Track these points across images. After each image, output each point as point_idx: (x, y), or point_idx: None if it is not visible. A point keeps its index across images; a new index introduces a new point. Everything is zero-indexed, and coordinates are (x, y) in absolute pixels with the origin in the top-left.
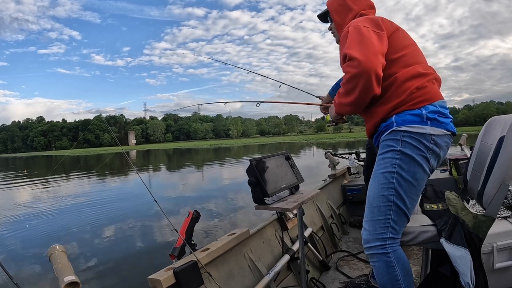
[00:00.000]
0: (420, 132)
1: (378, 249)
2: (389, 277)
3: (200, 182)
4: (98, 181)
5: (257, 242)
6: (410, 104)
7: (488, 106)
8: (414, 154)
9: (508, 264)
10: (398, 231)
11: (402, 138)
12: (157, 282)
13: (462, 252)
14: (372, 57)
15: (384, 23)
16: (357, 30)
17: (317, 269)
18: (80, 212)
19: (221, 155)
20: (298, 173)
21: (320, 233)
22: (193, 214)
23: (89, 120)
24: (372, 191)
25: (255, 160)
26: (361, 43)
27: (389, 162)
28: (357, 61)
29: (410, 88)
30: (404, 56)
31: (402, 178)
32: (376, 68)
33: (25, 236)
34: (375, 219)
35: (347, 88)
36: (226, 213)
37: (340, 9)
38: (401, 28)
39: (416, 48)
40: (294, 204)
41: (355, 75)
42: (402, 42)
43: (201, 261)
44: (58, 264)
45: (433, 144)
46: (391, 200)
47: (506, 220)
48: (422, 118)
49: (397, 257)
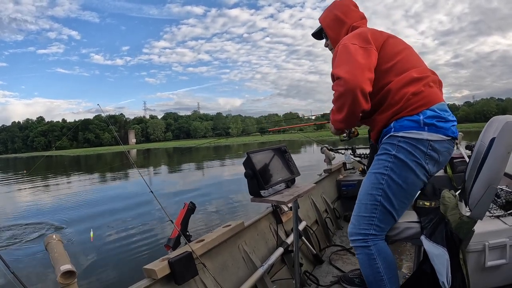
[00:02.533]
0: (417, 137)
1: (360, 242)
2: (371, 269)
3: (199, 177)
4: (98, 178)
5: (251, 234)
6: (408, 111)
7: (488, 102)
8: (408, 160)
9: (499, 262)
10: (382, 229)
11: (398, 143)
12: (152, 272)
13: (440, 251)
14: (357, 74)
15: (374, 35)
16: (345, 48)
17: (311, 262)
18: (78, 205)
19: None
20: (295, 167)
21: (314, 227)
22: (189, 205)
23: (89, 120)
24: (362, 189)
25: (252, 153)
26: (347, 62)
27: (382, 164)
28: (343, 80)
29: (406, 94)
30: (397, 64)
31: (393, 180)
32: (361, 85)
33: (22, 226)
34: (361, 215)
35: (337, 106)
36: (221, 206)
37: (333, 24)
38: (392, 36)
39: (410, 53)
40: (290, 197)
41: (342, 93)
42: (394, 50)
43: (196, 252)
44: (54, 253)
45: (430, 150)
46: (378, 200)
47: (499, 219)
48: (419, 124)
49: (378, 250)
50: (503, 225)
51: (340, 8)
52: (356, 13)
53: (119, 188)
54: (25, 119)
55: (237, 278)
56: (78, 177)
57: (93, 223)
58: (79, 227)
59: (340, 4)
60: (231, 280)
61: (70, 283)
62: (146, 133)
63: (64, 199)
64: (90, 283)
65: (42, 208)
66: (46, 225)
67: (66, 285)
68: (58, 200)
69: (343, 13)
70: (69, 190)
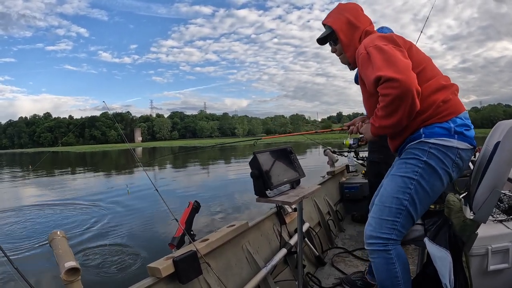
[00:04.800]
0: (448, 145)
1: (380, 246)
2: (388, 273)
3: (204, 177)
4: (104, 176)
5: (255, 234)
6: (438, 118)
7: (495, 108)
8: (438, 167)
9: (501, 266)
10: (402, 234)
11: (430, 150)
12: (156, 270)
13: (443, 253)
14: (409, 74)
15: (399, 39)
16: (379, 49)
17: (313, 264)
18: (83, 201)
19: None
20: (300, 168)
21: (317, 228)
22: (194, 204)
23: (95, 117)
24: (387, 191)
25: (259, 153)
26: (390, 62)
27: (411, 168)
28: (397, 82)
29: (436, 101)
30: (424, 70)
31: (421, 186)
32: (416, 83)
33: (27, 222)
34: (383, 218)
35: (389, 110)
36: (225, 205)
37: (346, 28)
38: (413, 44)
39: (431, 62)
40: (295, 198)
41: (398, 96)
42: (418, 57)
43: (200, 251)
44: (58, 250)
45: (458, 158)
46: (404, 205)
47: (502, 223)
48: (450, 131)
49: (398, 254)
50: (505, 230)
51: (350, 12)
52: (366, 18)
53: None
54: (32, 115)
55: (240, 278)
56: (83, 174)
57: (96, 219)
58: (84, 223)
59: (350, 8)
60: (234, 280)
61: (74, 280)
62: (152, 132)
63: (69, 195)
64: (94, 280)
65: (47, 204)
66: (50, 220)
67: (70, 282)
68: (63, 196)
69: (355, 17)
70: (74, 187)
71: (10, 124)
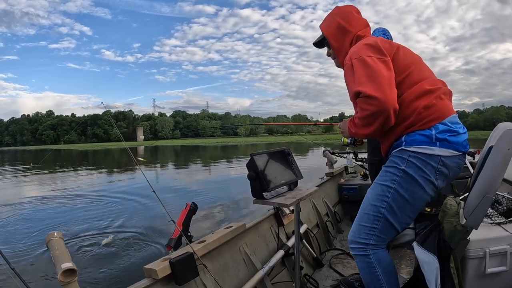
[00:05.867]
0: (428, 153)
1: (359, 250)
2: (370, 276)
3: (203, 177)
4: (103, 175)
5: (253, 236)
6: (420, 125)
7: (498, 110)
8: (417, 176)
9: (499, 269)
10: (383, 240)
11: (409, 158)
12: (152, 272)
13: (431, 258)
14: (389, 93)
15: (384, 45)
16: (362, 62)
17: (311, 265)
18: (81, 202)
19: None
20: (297, 170)
21: (315, 230)
22: (191, 205)
23: (98, 115)
24: (367, 198)
25: (256, 154)
26: (372, 78)
27: (389, 176)
28: (376, 100)
29: (418, 108)
30: (409, 75)
31: (399, 195)
32: (395, 104)
33: (24, 223)
34: (362, 224)
35: (365, 122)
36: (223, 206)
37: (336, 33)
38: (401, 46)
39: (420, 64)
40: (292, 200)
41: (375, 113)
42: (405, 61)
43: (197, 253)
44: (55, 251)
45: (441, 166)
46: (382, 212)
47: (500, 226)
48: (431, 139)
49: (378, 259)
50: (504, 232)
51: (342, 16)
52: (360, 21)
53: (123, 185)
54: (34, 113)
55: (237, 279)
56: (83, 173)
57: (94, 220)
58: (81, 224)
59: (343, 11)
60: (231, 281)
61: (70, 281)
62: (154, 130)
63: (68, 195)
64: (91, 281)
65: (45, 204)
66: (47, 221)
67: (67, 283)
68: (62, 195)
69: (347, 21)
70: (73, 186)
71: (12, 122)
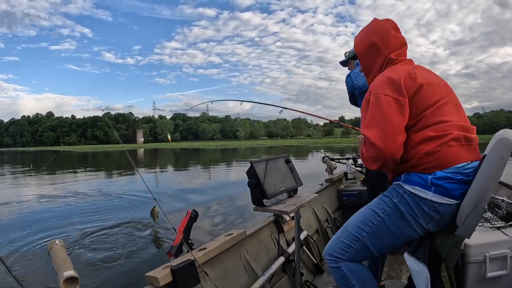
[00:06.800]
0: (422, 196)
1: (331, 262)
2: (345, 285)
3: (203, 182)
4: (103, 178)
5: (253, 243)
6: (419, 169)
7: (497, 114)
8: (407, 213)
9: (500, 273)
10: (356, 259)
11: (403, 194)
12: (154, 279)
13: (421, 267)
14: (390, 144)
15: (407, 83)
16: (377, 102)
17: (311, 272)
18: (82, 208)
19: (228, 157)
20: (297, 177)
21: (315, 236)
22: (192, 213)
23: (98, 117)
24: (355, 217)
25: (256, 162)
26: (379, 124)
27: (381, 205)
28: (376, 148)
29: (419, 153)
30: (422, 119)
31: (385, 225)
32: (394, 154)
33: (25, 230)
34: (341, 240)
35: (367, 160)
36: (224, 212)
37: (367, 52)
38: (427, 84)
39: (445, 106)
40: (292, 207)
41: (375, 158)
42: (424, 103)
43: (198, 260)
44: (57, 259)
45: (433, 211)
46: (363, 236)
47: (500, 230)
48: (426, 182)
49: (350, 270)
50: (504, 236)
51: (378, 34)
52: (396, 40)
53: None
54: (34, 114)
55: (238, 286)
56: (83, 177)
57: (93, 226)
58: (80, 230)
59: (379, 29)
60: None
61: None
62: (154, 133)
63: (68, 200)
64: None
65: (46, 210)
66: (49, 228)
67: None
68: (62, 201)
69: (381, 40)
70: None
71: (12, 123)
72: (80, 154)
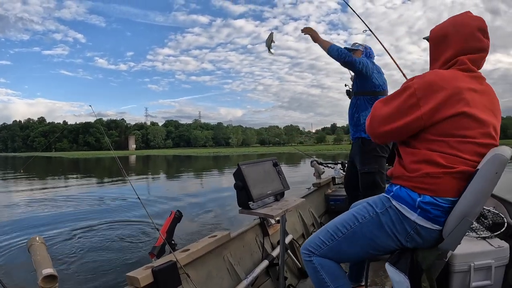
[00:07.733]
0: (406, 215)
1: (305, 256)
2: (317, 280)
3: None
4: (91, 182)
5: (237, 245)
6: (413, 186)
7: None
8: (387, 226)
9: (484, 283)
10: (328, 257)
11: (388, 208)
12: (135, 280)
13: (401, 278)
14: (376, 129)
15: (446, 100)
16: (402, 92)
17: (295, 276)
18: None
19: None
20: (284, 181)
21: (300, 240)
22: (176, 214)
23: (90, 123)
24: (337, 219)
25: (243, 164)
26: (383, 110)
27: (363, 212)
28: (367, 122)
29: (422, 170)
30: (442, 142)
31: (362, 231)
32: (376, 139)
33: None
34: (318, 236)
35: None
36: (210, 216)
37: (438, 41)
38: (468, 115)
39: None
40: (278, 211)
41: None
42: (452, 131)
43: (180, 262)
44: (37, 256)
45: (414, 233)
46: (339, 236)
47: (485, 240)
48: (414, 203)
49: (321, 264)
50: (489, 247)
51: (461, 28)
52: (477, 43)
53: (109, 192)
54: (26, 119)
55: None
56: (73, 180)
57: (77, 225)
58: (64, 229)
59: (464, 24)
60: None
61: (51, 287)
62: (146, 139)
63: (53, 201)
64: (72, 287)
65: (28, 209)
66: (30, 225)
67: None
68: (46, 201)
69: (459, 36)
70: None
71: (4, 127)
72: (71, 161)
